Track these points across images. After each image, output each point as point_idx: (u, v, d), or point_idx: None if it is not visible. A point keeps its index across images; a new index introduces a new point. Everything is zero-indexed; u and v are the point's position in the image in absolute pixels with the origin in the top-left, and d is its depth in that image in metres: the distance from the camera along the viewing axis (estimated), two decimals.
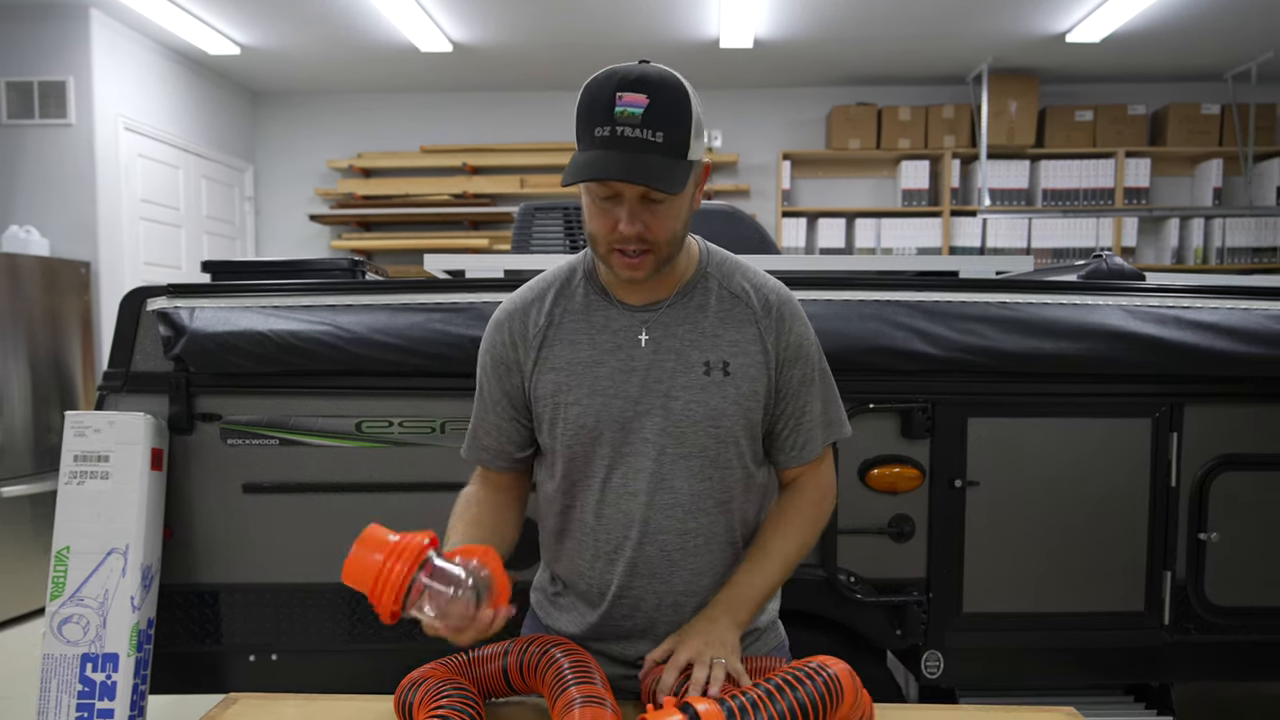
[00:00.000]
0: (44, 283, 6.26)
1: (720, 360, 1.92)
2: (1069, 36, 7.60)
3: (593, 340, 1.93)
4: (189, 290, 3.12)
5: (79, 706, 2.87)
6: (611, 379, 1.91)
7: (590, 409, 1.90)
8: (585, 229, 1.84)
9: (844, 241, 8.74)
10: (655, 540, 1.93)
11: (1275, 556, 3.16)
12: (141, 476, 2.95)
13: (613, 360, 1.92)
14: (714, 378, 1.91)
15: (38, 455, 6.07)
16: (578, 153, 1.75)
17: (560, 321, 1.96)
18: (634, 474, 1.91)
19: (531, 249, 4.27)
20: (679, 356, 1.91)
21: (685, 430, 1.90)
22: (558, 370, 1.93)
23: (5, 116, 7.02)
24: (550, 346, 1.95)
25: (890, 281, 3.13)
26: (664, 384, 1.90)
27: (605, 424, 1.90)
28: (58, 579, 2.92)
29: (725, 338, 1.94)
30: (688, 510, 1.93)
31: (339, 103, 9.35)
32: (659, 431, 1.90)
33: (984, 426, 3.08)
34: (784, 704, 1.52)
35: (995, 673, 3.14)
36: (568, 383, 1.92)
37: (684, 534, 1.93)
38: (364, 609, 3.08)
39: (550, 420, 1.95)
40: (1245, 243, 8.56)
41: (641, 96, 1.68)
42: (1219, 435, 3.12)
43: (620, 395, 1.90)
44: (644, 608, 1.96)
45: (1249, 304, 3.12)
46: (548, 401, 1.94)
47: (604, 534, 1.95)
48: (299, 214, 9.39)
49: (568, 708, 1.62)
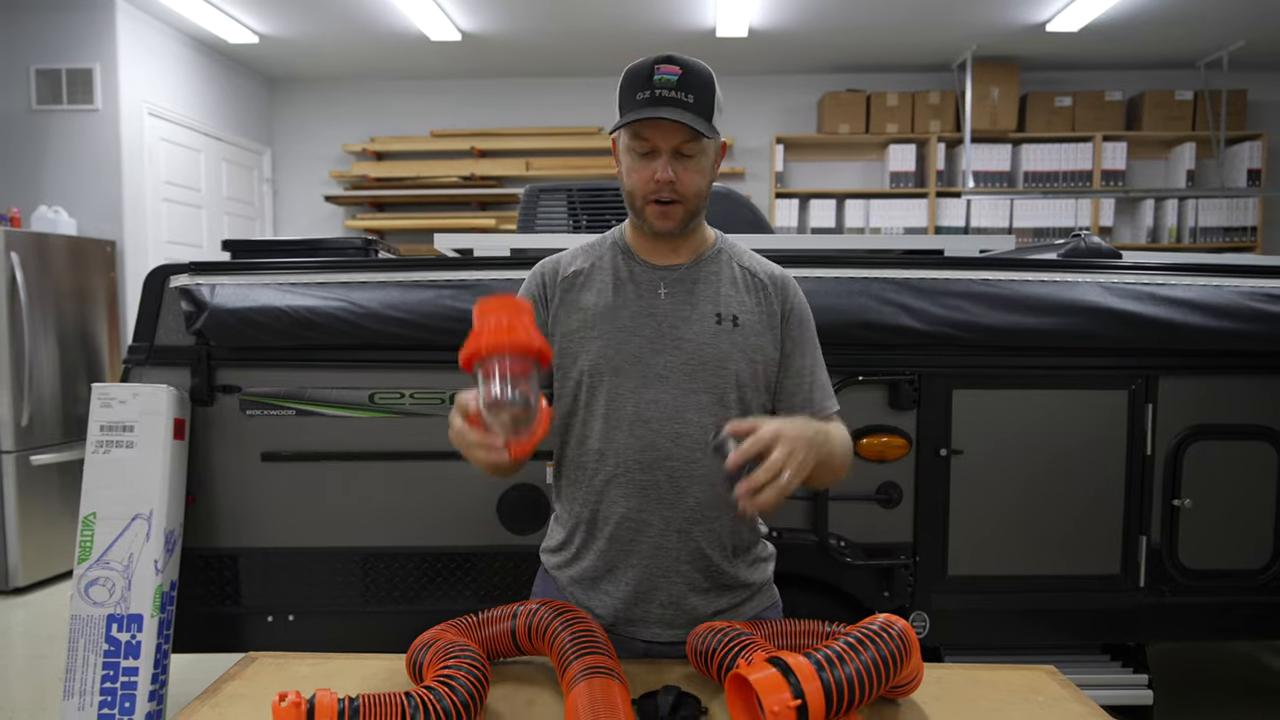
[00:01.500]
0: (71, 261, 6.24)
1: (731, 314, 2.05)
2: (1049, 26, 7.56)
3: (617, 290, 2.06)
4: (210, 268, 3.10)
5: (105, 665, 2.87)
6: (632, 320, 2.03)
7: (611, 343, 2.01)
8: (623, 189, 2.02)
9: (834, 221, 8.70)
10: (665, 466, 1.99)
11: (1244, 521, 3.16)
12: (165, 445, 2.95)
13: (634, 306, 2.04)
14: (724, 327, 2.03)
15: (66, 425, 6.07)
16: (625, 111, 1.93)
17: (590, 273, 2.09)
18: (648, 404, 2.00)
19: (536, 229, 4.26)
20: (694, 308, 2.04)
21: (696, 368, 2.01)
22: (583, 310, 2.05)
23: (35, 102, 6.99)
24: (577, 291, 2.08)
25: (878, 260, 3.11)
26: (679, 329, 2.02)
27: (624, 357, 2.01)
28: (85, 543, 2.92)
29: (736, 299, 2.07)
30: (696, 441, 2.00)
31: (353, 89, 9.30)
32: (672, 368, 2.01)
33: (968, 398, 3.08)
34: (866, 657, 1.51)
35: (979, 633, 3.14)
36: (591, 320, 2.04)
37: (691, 463, 2.00)
38: (376, 572, 3.08)
39: (574, 353, 2.04)
40: (1217, 223, 8.54)
41: (675, 68, 1.90)
42: (1192, 406, 3.12)
43: (638, 334, 2.02)
44: (650, 532, 2.01)
45: (1220, 281, 3.11)
46: (572, 336, 2.05)
47: (618, 459, 2.01)
48: (315, 195, 9.36)
49: (577, 678, 1.61)
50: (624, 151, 1.99)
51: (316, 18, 7.49)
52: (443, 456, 3.02)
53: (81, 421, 6.03)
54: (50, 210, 6.57)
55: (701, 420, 2.00)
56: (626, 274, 2.08)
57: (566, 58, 8.45)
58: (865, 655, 1.51)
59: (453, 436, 1.77)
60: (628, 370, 2.01)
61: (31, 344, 5.79)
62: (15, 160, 7.01)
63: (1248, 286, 3.09)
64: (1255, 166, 8.51)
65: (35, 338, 5.82)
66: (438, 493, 3.08)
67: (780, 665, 1.46)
